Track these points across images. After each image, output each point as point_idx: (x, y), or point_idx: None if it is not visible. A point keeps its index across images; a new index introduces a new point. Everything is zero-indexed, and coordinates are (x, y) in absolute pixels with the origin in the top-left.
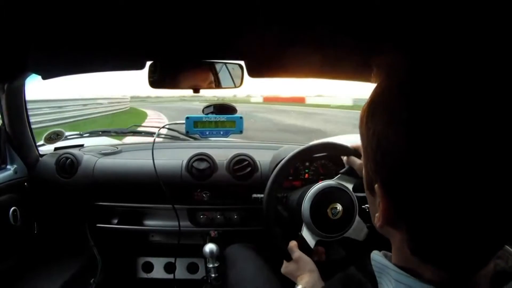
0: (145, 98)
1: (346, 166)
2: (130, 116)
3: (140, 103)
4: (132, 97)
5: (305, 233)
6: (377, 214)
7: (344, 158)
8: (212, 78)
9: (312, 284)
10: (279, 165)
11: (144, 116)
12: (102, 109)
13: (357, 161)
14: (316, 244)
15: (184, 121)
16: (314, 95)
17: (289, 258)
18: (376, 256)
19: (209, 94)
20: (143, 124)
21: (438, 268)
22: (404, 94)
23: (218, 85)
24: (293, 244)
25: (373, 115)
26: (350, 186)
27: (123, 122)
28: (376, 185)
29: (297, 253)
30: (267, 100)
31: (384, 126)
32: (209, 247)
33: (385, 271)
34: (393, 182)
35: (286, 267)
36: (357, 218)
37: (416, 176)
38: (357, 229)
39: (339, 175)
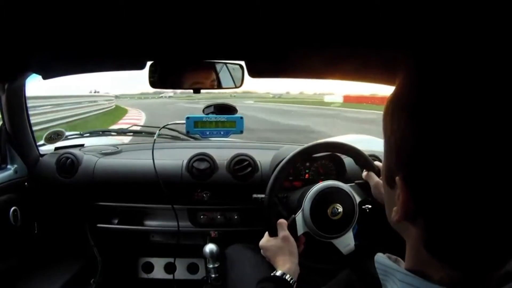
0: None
1: (363, 180)
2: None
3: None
4: (181, 93)
5: (299, 218)
6: (395, 208)
7: (364, 173)
8: (212, 78)
9: (293, 271)
10: (280, 165)
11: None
12: (84, 110)
13: (375, 179)
14: (303, 235)
15: (184, 121)
16: (369, 94)
17: (275, 233)
18: (381, 258)
19: (262, 90)
20: (142, 124)
21: (452, 268)
22: (420, 92)
23: (218, 85)
24: (283, 222)
25: (396, 110)
26: (357, 199)
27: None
28: (397, 178)
29: (285, 232)
30: (350, 100)
31: (405, 121)
32: (209, 247)
33: (390, 273)
34: (413, 175)
35: (268, 241)
36: (349, 232)
37: (436, 171)
38: (344, 241)
39: (353, 183)
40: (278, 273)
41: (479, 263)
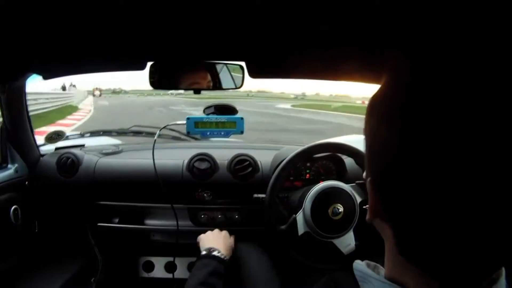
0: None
1: (364, 180)
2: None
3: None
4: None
5: (299, 217)
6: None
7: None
8: (213, 78)
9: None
10: (280, 165)
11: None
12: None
13: None
14: (304, 235)
15: (185, 122)
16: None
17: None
18: (358, 265)
19: (276, 90)
20: (143, 124)
21: (428, 276)
22: (401, 92)
23: (219, 85)
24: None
25: (373, 112)
26: (358, 198)
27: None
28: (368, 179)
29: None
30: None
31: (380, 122)
32: None
33: (368, 280)
34: (382, 178)
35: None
36: (350, 232)
37: (405, 174)
38: (344, 241)
39: (354, 183)
40: (215, 252)
41: (457, 273)
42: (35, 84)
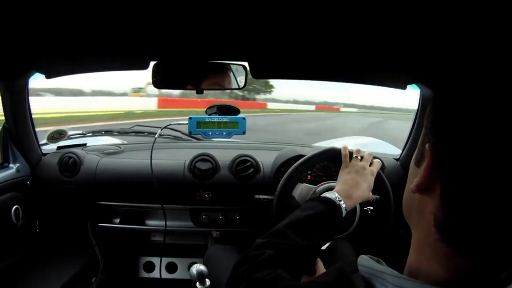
0: None
1: None
2: None
3: None
4: None
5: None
6: (416, 179)
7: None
8: (215, 78)
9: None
10: (297, 162)
11: None
12: None
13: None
14: None
15: (187, 122)
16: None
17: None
18: (365, 260)
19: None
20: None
21: (459, 255)
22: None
23: (221, 86)
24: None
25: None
26: None
27: None
28: (427, 144)
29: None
30: None
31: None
32: (197, 268)
33: (377, 276)
34: (440, 140)
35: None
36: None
37: (459, 138)
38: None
39: None
40: (329, 194)
41: (491, 252)
42: None
